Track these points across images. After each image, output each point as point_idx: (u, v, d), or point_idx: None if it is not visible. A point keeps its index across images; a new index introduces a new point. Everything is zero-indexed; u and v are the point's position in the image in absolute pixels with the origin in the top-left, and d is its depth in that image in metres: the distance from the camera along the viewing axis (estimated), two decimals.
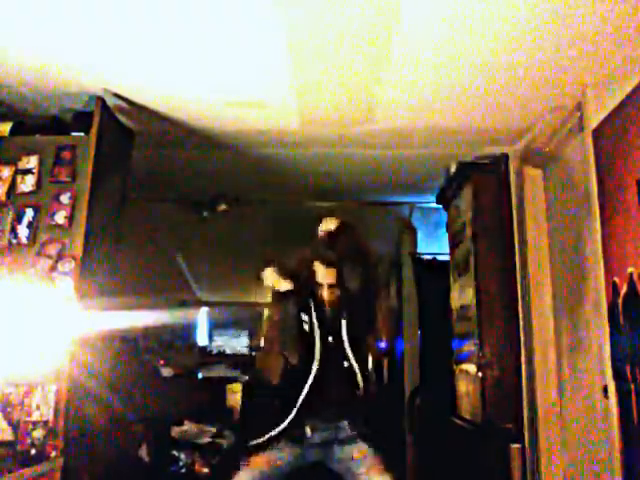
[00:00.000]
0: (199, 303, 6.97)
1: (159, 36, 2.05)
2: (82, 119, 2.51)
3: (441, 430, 3.47)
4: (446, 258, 3.68)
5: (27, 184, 2.41)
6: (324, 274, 2.24)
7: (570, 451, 2.60)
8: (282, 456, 2.12)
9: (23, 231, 2.34)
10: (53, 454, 2.08)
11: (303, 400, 2.13)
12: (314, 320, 2.22)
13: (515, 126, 2.80)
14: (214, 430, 4.40)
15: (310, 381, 2.15)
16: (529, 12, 1.83)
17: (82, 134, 2.46)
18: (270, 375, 2.45)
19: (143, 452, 3.63)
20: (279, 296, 2.28)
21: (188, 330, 6.71)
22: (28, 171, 2.42)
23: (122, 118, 2.73)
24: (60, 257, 2.30)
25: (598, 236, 2.11)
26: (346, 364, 2.17)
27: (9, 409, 2.15)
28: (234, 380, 5.97)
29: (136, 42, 2.09)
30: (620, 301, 1.94)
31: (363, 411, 2.19)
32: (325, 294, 2.25)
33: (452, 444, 3.25)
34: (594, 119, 2.18)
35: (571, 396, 2.61)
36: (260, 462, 2.11)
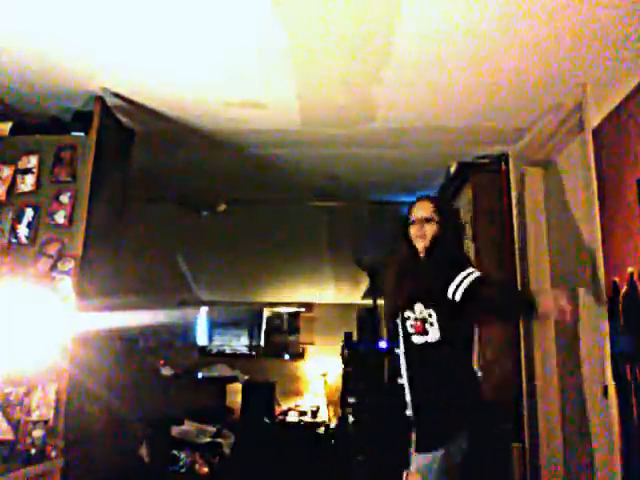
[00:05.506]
0: (199, 303, 6.97)
1: (159, 35, 2.05)
2: (82, 119, 2.51)
3: None
4: None
5: (27, 184, 2.41)
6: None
7: (570, 451, 2.60)
8: None
9: (23, 231, 2.34)
10: (53, 454, 2.08)
11: None
12: None
13: (515, 126, 2.80)
14: (214, 430, 4.40)
15: None
16: (529, 12, 1.83)
17: (82, 134, 2.46)
18: None
19: (143, 452, 3.63)
20: None
21: (188, 330, 6.72)
22: (28, 171, 2.42)
23: (122, 118, 2.73)
24: (60, 257, 2.30)
25: (598, 236, 2.11)
26: None
27: (9, 409, 2.15)
28: (234, 380, 5.98)
29: (136, 41, 2.09)
30: (620, 301, 1.94)
31: None
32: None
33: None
34: (594, 119, 2.18)
35: (571, 396, 2.60)
36: None
